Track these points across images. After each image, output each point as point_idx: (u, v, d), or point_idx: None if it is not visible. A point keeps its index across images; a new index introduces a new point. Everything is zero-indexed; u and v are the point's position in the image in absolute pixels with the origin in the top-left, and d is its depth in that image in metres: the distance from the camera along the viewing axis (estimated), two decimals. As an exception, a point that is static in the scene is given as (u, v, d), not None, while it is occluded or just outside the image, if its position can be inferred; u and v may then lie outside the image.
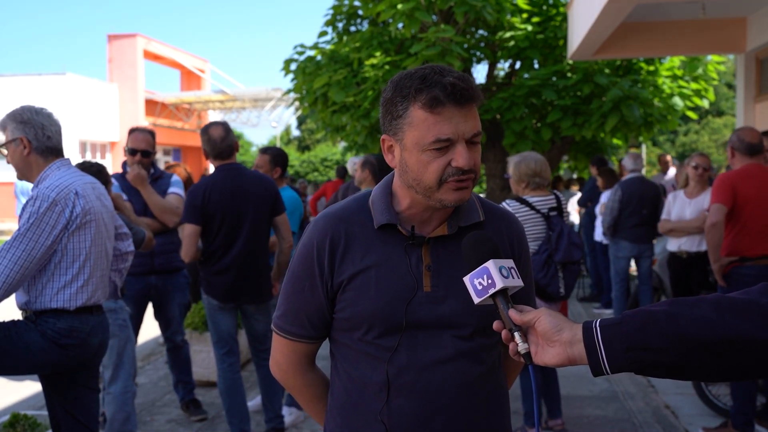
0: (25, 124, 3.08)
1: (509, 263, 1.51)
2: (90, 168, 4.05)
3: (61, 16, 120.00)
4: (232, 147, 4.41)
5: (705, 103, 10.68)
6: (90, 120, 24.52)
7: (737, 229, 4.54)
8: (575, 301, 9.70)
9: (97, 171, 4.07)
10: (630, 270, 7.72)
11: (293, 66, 10.90)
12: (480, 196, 1.82)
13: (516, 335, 1.44)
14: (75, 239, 3.04)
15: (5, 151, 3.13)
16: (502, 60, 11.07)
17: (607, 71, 10.31)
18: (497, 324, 1.47)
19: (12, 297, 3.03)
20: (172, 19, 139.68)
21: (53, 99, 22.07)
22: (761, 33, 8.31)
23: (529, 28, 10.43)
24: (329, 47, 11.05)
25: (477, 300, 1.49)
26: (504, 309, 1.46)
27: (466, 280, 1.50)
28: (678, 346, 1.29)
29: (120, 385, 4.07)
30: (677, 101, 10.19)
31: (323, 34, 11.36)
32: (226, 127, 4.44)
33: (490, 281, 1.46)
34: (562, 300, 4.49)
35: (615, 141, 11.76)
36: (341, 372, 1.74)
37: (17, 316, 3.12)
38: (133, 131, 4.98)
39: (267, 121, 31.84)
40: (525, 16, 10.74)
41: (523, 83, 9.98)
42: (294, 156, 43.51)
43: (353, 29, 11.45)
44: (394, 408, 1.65)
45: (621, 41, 8.84)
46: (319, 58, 10.79)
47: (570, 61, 10.05)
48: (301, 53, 11.03)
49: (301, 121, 48.72)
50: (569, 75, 10.26)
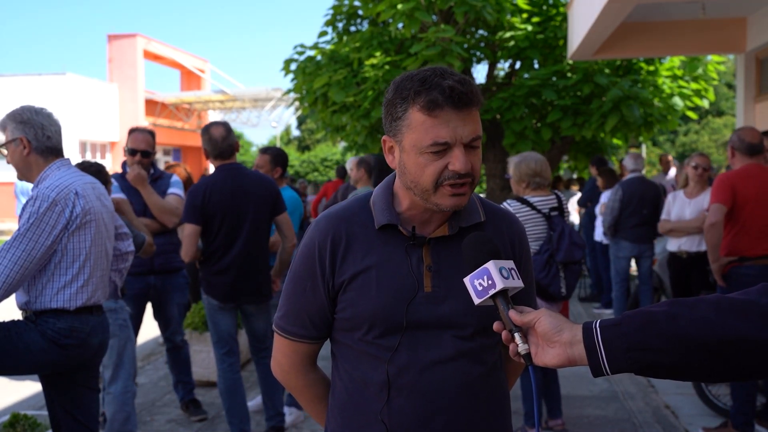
0: (25, 124, 3.08)
1: (509, 264, 1.51)
2: (89, 168, 4.05)
3: (61, 16, 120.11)
4: (232, 147, 4.41)
5: (705, 103, 10.68)
6: (90, 120, 24.52)
7: (737, 229, 4.54)
8: (575, 301, 9.70)
9: (97, 171, 4.07)
10: (630, 270, 7.72)
11: (293, 66, 10.90)
12: (480, 196, 1.82)
13: (516, 336, 1.44)
14: (75, 239, 3.04)
15: (5, 152, 3.13)
16: (502, 60, 11.07)
17: (607, 71, 10.31)
18: (497, 325, 1.48)
19: (12, 297, 3.03)
20: (172, 19, 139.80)
21: (53, 99, 22.07)
22: (761, 33, 8.31)
23: (529, 28, 10.43)
24: (329, 47, 11.05)
25: (477, 301, 1.49)
26: (504, 310, 1.46)
27: (466, 280, 1.50)
28: (678, 346, 1.29)
29: (120, 385, 4.07)
30: (677, 101, 10.19)
31: (323, 34, 11.37)
32: (227, 127, 4.44)
33: (490, 282, 1.46)
34: (563, 300, 4.49)
35: (615, 141, 11.77)
36: (342, 372, 1.74)
37: (17, 316, 3.12)
38: (133, 131, 4.98)
39: (267, 121, 31.86)
40: (525, 16, 10.74)
41: (523, 83, 9.98)
42: (294, 156, 43.49)
43: (353, 29, 11.45)
44: (394, 408, 1.66)
45: (621, 41, 8.84)
46: (319, 58, 10.79)
47: (570, 61, 10.05)
48: (301, 53, 11.03)
49: (301, 121, 48.72)
50: (569, 75, 10.26)
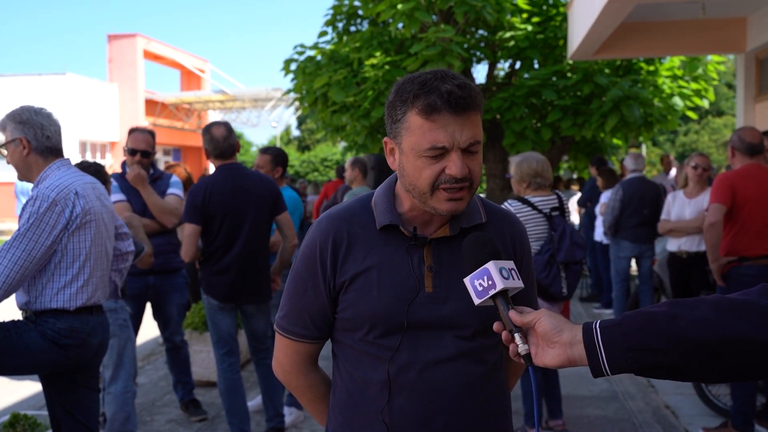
0: (24, 124, 3.08)
1: (509, 264, 1.51)
2: (88, 168, 4.05)
3: (61, 16, 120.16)
4: (233, 147, 4.41)
5: (705, 103, 10.68)
6: (90, 120, 24.52)
7: (736, 229, 4.54)
8: (575, 301, 9.70)
9: (96, 171, 4.07)
10: (630, 270, 7.72)
11: (293, 66, 10.90)
12: (481, 196, 1.82)
13: (516, 336, 1.44)
14: (75, 239, 3.04)
15: (5, 152, 3.13)
16: (502, 60, 11.07)
17: (607, 71, 10.31)
18: (497, 325, 1.48)
19: (12, 297, 3.03)
20: (172, 19, 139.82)
21: (53, 99, 22.08)
22: (761, 33, 8.31)
23: (529, 28, 10.43)
24: (329, 47, 11.05)
25: (477, 301, 1.49)
26: (504, 310, 1.46)
27: (466, 281, 1.50)
28: (678, 347, 1.29)
29: (120, 385, 4.07)
30: (677, 101, 10.19)
31: (323, 34, 11.37)
32: (228, 127, 4.45)
33: (490, 282, 1.46)
34: (564, 300, 4.49)
35: (615, 141, 11.77)
36: (343, 372, 1.75)
37: (17, 316, 3.12)
38: (133, 131, 4.98)
39: (267, 121, 31.86)
40: (525, 16, 10.74)
41: (523, 83, 9.98)
42: (294, 156, 43.48)
43: (353, 29, 11.45)
44: (395, 407, 1.66)
45: (621, 41, 8.84)
46: (319, 58, 10.80)
47: (570, 61, 10.05)
48: (301, 53, 11.03)
49: (301, 121, 48.72)
50: (569, 75, 10.26)
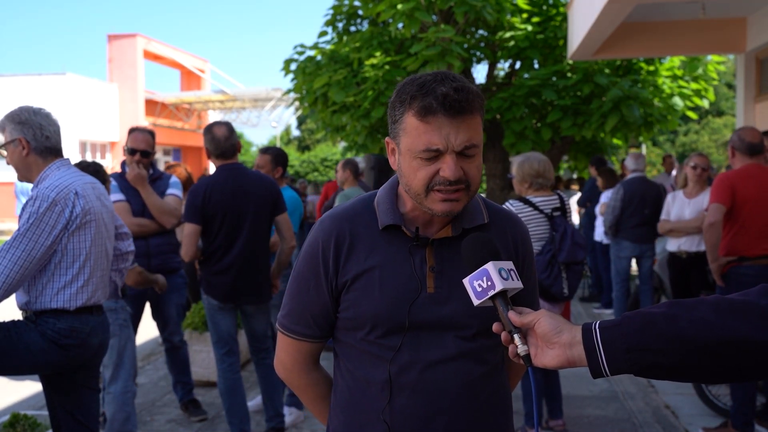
0: (23, 124, 3.08)
1: (509, 265, 1.51)
2: (87, 168, 4.05)
3: (61, 16, 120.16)
4: (234, 147, 4.42)
5: (705, 103, 10.68)
6: (90, 120, 24.53)
7: (736, 229, 4.53)
8: (576, 301, 9.70)
9: (95, 171, 4.07)
10: (630, 270, 7.71)
11: (293, 66, 10.90)
12: (484, 197, 1.82)
13: (515, 337, 1.44)
14: (75, 239, 3.04)
15: (5, 153, 3.13)
16: (502, 60, 11.07)
17: (607, 71, 10.31)
18: (497, 326, 1.48)
19: (12, 297, 3.03)
20: (172, 19, 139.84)
21: (53, 99, 22.09)
22: (761, 33, 8.31)
23: (529, 28, 10.43)
24: (329, 47, 11.05)
25: (476, 302, 1.49)
26: (503, 311, 1.46)
27: (465, 281, 1.50)
28: (677, 347, 1.29)
29: (120, 385, 4.07)
30: (677, 101, 10.19)
31: (323, 34, 11.37)
32: (229, 127, 4.45)
33: (489, 283, 1.46)
34: (565, 301, 4.49)
35: (615, 141, 11.77)
36: (344, 371, 1.75)
37: (17, 316, 3.12)
38: (133, 131, 4.98)
39: (267, 121, 31.86)
40: (525, 16, 10.74)
41: (523, 83, 9.98)
42: (294, 156, 43.48)
43: (353, 29, 11.45)
44: (396, 407, 1.66)
45: (621, 41, 8.84)
46: (319, 58, 10.80)
47: (570, 61, 10.05)
48: (301, 53, 11.03)
49: (301, 121, 48.72)
50: (569, 75, 10.26)
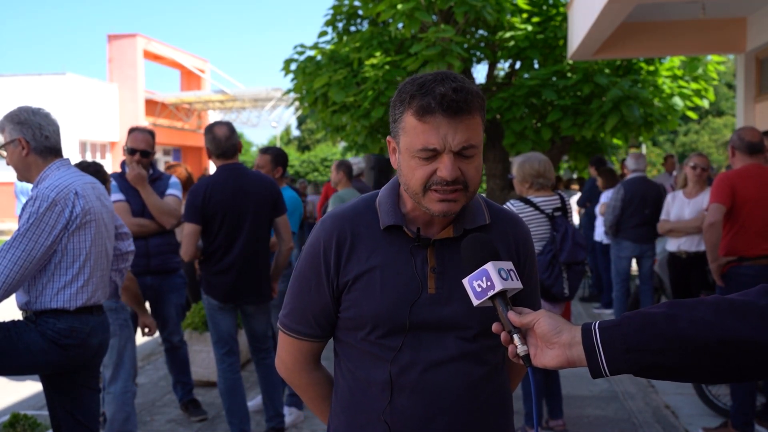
0: (23, 124, 3.08)
1: (508, 265, 1.51)
2: (87, 168, 4.05)
3: (61, 16, 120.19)
4: (235, 147, 4.42)
5: (705, 103, 10.68)
6: (90, 120, 24.53)
7: (736, 229, 4.53)
8: (575, 301, 9.70)
9: (95, 171, 4.07)
10: (630, 270, 7.71)
11: (293, 66, 10.90)
12: (486, 198, 1.82)
13: (515, 337, 1.44)
14: (75, 239, 3.04)
15: (4, 153, 3.13)
16: (502, 60, 11.07)
17: (607, 71, 10.31)
18: (496, 326, 1.47)
19: (12, 297, 3.03)
20: (172, 19, 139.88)
21: (53, 99, 22.09)
22: (761, 33, 8.31)
23: (529, 28, 10.43)
24: (329, 47, 11.05)
25: (476, 302, 1.49)
26: (503, 311, 1.46)
27: (465, 282, 1.50)
28: (677, 347, 1.28)
29: (120, 385, 4.07)
30: (677, 101, 10.19)
31: (323, 34, 11.37)
32: (230, 127, 4.46)
33: (489, 283, 1.46)
34: (566, 301, 4.49)
35: (615, 141, 11.76)
36: (345, 371, 1.75)
37: (17, 316, 3.12)
38: (133, 131, 4.98)
39: (267, 121, 31.86)
40: (525, 16, 10.74)
41: (523, 83, 9.98)
42: (294, 156, 43.48)
43: (353, 29, 11.45)
44: (397, 408, 1.66)
45: (621, 41, 8.84)
46: (319, 58, 10.79)
47: (570, 61, 10.05)
48: (301, 53, 11.03)
49: (301, 121, 48.72)
50: (569, 75, 10.26)
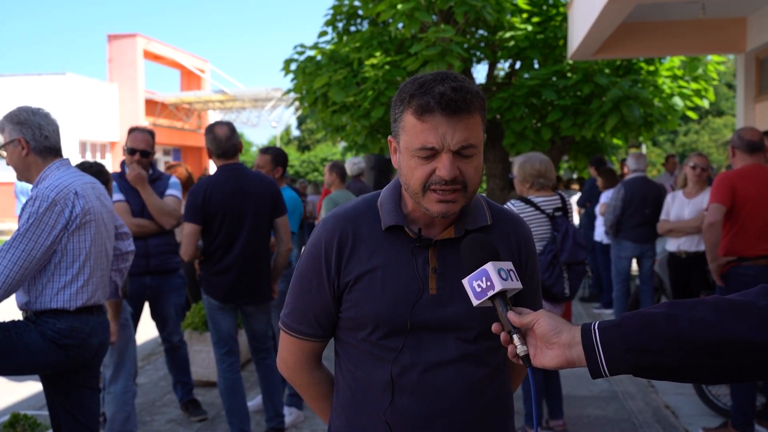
0: (22, 124, 3.08)
1: (508, 265, 1.51)
2: (90, 168, 4.05)
3: (61, 16, 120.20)
4: (236, 147, 4.42)
5: (705, 103, 10.68)
6: (90, 120, 24.53)
7: (735, 229, 4.53)
8: (576, 301, 9.69)
9: (98, 171, 4.07)
10: (630, 270, 7.71)
11: (293, 66, 10.90)
12: (487, 198, 1.82)
13: (515, 337, 1.43)
14: (75, 239, 3.04)
15: (4, 153, 3.13)
16: (502, 60, 11.07)
17: (607, 71, 10.30)
18: (496, 326, 1.47)
19: (12, 297, 3.03)
20: (172, 19, 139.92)
21: (53, 99, 22.09)
22: (761, 33, 8.31)
23: (529, 28, 10.43)
24: (329, 47, 11.05)
25: (476, 302, 1.49)
26: (503, 311, 1.46)
27: (465, 282, 1.50)
28: (677, 348, 1.28)
29: (120, 385, 4.07)
30: (677, 101, 10.19)
31: (323, 34, 11.36)
32: (231, 127, 4.46)
33: (489, 283, 1.46)
34: (566, 301, 4.49)
35: (615, 141, 11.76)
36: (345, 371, 1.75)
37: (17, 316, 3.12)
38: (133, 131, 4.98)
39: (267, 121, 31.86)
40: (525, 16, 10.74)
41: (523, 83, 9.98)
42: (294, 156, 43.48)
43: (353, 29, 11.45)
44: (397, 408, 1.66)
45: (621, 41, 8.84)
46: (319, 58, 10.79)
47: (570, 61, 10.05)
48: (301, 53, 11.03)
49: (301, 121, 48.71)
50: (569, 75, 10.26)
